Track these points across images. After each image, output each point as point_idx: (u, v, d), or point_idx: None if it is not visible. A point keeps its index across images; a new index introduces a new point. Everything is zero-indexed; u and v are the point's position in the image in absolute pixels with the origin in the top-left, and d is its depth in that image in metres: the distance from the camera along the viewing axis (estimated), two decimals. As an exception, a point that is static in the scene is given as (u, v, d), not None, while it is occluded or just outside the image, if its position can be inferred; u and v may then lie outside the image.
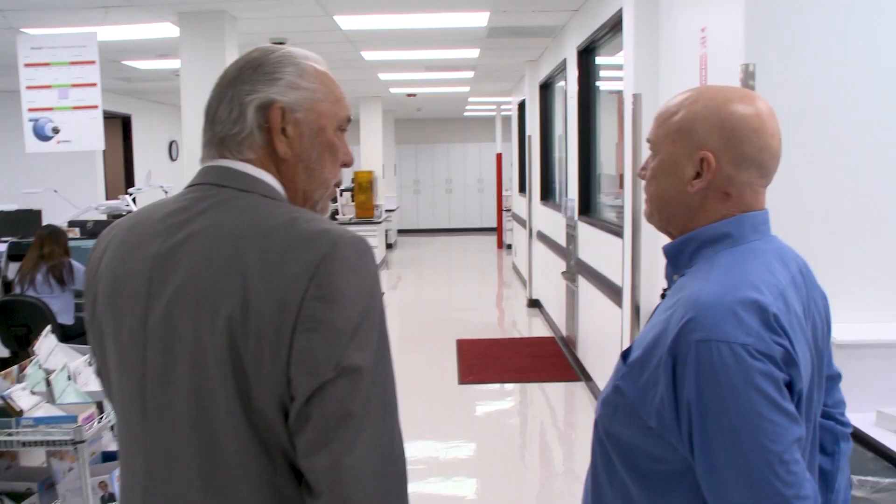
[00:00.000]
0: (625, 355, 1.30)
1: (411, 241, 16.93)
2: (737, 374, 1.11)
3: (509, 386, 6.22)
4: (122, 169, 11.35)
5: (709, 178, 1.26)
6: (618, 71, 6.14)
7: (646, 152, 4.16)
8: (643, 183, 1.40)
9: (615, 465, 1.29)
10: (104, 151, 9.76)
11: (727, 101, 1.27)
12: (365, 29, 6.47)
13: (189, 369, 1.08)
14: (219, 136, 1.19)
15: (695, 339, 1.14)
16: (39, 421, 2.50)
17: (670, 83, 3.70)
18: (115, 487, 2.67)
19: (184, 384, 1.09)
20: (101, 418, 2.62)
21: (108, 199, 9.62)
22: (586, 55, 6.07)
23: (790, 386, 1.15)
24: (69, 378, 2.77)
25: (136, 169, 11.38)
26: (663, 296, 1.39)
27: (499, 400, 6.04)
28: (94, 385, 2.89)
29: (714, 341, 1.12)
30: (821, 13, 2.70)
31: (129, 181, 11.17)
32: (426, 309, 9.88)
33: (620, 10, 4.40)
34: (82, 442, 2.46)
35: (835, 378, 1.43)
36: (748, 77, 2.70)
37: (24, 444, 2.50)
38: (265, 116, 1.17)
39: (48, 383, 2.66)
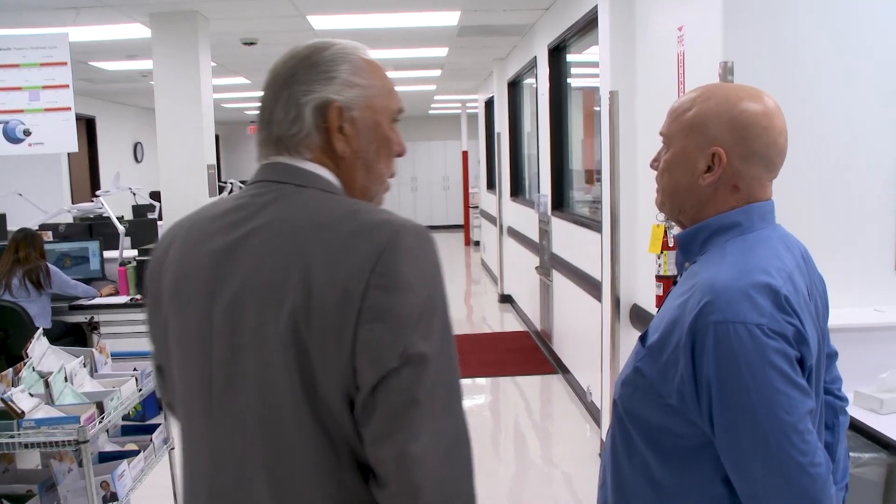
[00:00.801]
0: (642, 338, 1.38)
1: None
2: (753, 351, 1.20)
3: (488, 380, 6.31)
4: (87, 171, 11.18)
5: (719, 172, 1.34)
6: (585, 68, 6.28)
7: (624, 148, 4.25)
8: (652, 174, 1.48)
9: (635, 442, 1.37)
10: (69, 154, 9.64)
11: (738, 100, 1.35)
12: (338, 29, 6.47)
13: (254, 364, 1.09)
14: (275, 136, 1.19)
15: (713, 321, 1.22)
16: (41, 422, 2.51)
17: (647, 81, 3.81)
18: (117, 487, 2.69)
19: (249, 379, 1.10)
20: (102, 419, 2.63)
21: (73, 201, 9.50)
22: (557, 53, 6.17)
23: (801, 362, 1.24)
24: (66, 379, 2.77)
25: (102, 171, 11.24)
26: (674, 282, 1.47)
27: (478, 394, 6.12)
28: (89, 386, 2.90)
29: (731, 322, 1.21)
30: (798, 10, 2.81)
31: (95, 183, 11.02)
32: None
33: (594, 10, 4.50)
34: (86, 442, 2.48)
35: (832, 356, 1.53)
36: (727, 73, 2.81)
37: (26, 445, 2.50)
38: (323, 116, 1.17)
39: (47, 385, 2.66)
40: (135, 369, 3.07)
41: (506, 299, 9.28)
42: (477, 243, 14.29)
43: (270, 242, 1.11)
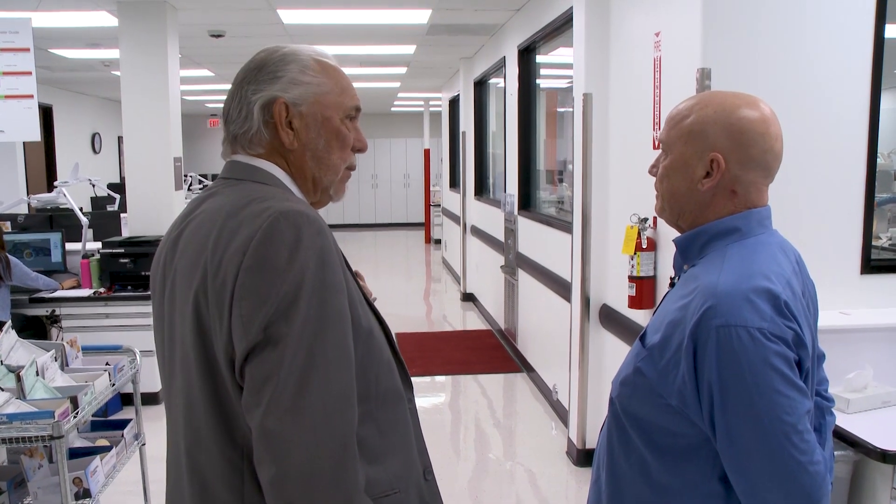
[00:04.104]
0: (641, 338, 1.41)
1: (337, 237, 16.00)
2: (754, 354, 1.23)
3: (449, 378, 6.33)
4: (43, 161, 10.91)
5: (718, 177, 1.38)
6: (549, 69, 6.35)
7: (596, 150, 4.30)
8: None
9: (632, 440, 1.40)
10: (24, 143, 9.40)
11: (736, 107, 1.38)
12: (307, 23, 6.43)
13: (179, 341, 1.22)
14: (232, 134, 1.31)
15: (715, 325, 1.25)
16: (13, 417, 2.46)
17: (622, 84, 3.86)
18: (90, 483, 2.65)
19: (177, 354, 1.24)
20: (76, 413, 2.59)
21: (29, 192, 9.28)
22: (527, 54, 6.21)
23: (799, 365, 1.28)
24: (37, 374, 2.72)
25: (59, 161, 10.98)
26: (672, 284, 1.51)
27: (439, 392, 6.14)
28: (61, 381, 2.85)
29: (733, 326, 1.24)
30: (775, 18, 2.88)
31: (51, 174, 10.77)
32: (360, 303, 9.85)
33: (568, 12, 4.54)
34: (60, 437, 2.43)
35: (820, 358, 1.57)
36: (704, 79, 2.87)
37: (-2, 441, 2.45)
38: (269, 112, 1.27)
39: (18, 379, 2.61)
40: (107, 364, 3.02)
41: (468, 298, 9.32)
42: (438, 241, 14.31)
43: (195, 231, 1.24)
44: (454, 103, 10.95)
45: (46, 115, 10.96)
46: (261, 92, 1.27)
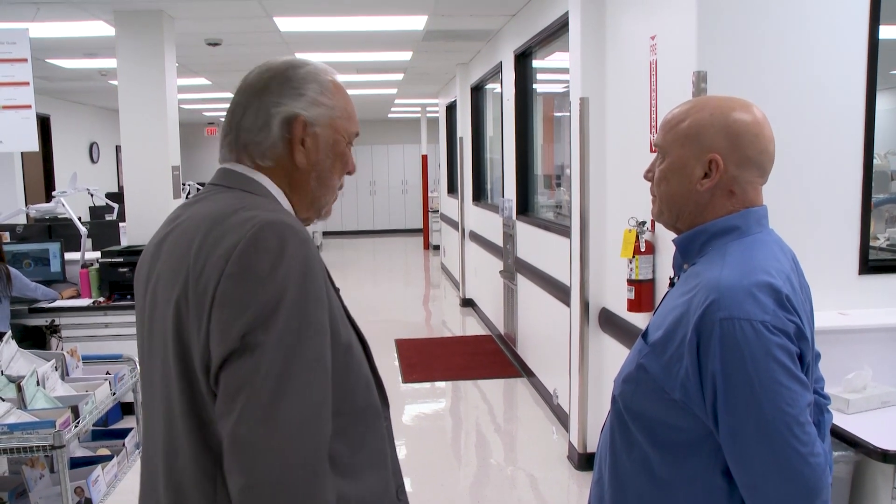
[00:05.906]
0: (644, 336, 1.42)
1: (336, 243, 16.85)
2: (757, 346, 1.25)
3: (450, 383, 6.33)
4: (41, 171, 10.92)
5: (717, 177, 1.40)
6: (546, 74, 6.37)
7: (594, 154, 4.31)
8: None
9: (635, 436, 1.42)
10: (22, 153, 9.41)
11: (731, 110, 1.41)
12: (304, 31, 6.44)
13: (160, 345, 1.23)
14: (243, 142, 1.31)
15: (719, 318, 1.27)
16: (14, 427, 2.46)
17: (618, 88, 3.87)
18: (91, 493, 2.65)
19: (157, 358, 1.24)
20: (77, 423, 2.59)
21: (27, 202, 9.28)
22: (523, 59, 6.23)
23: (801, 358, 1.30)
24: (38, 383, 2.72)
25: (57, 171, 10.98)
26: (672, 284, 1.52)
27: (439, 397, 6.14)
28: (61, 390, 2.86)
29: (737, 319, 1.26)
30: (770, 21, 2.90)
31: (49, 184, 10.77)
32: (358, 310, 9.75)
33: (564, 16, 4.56)
34: (62, 447, 2.43)
35: (816, 357, 1.59)
36: (700, 82, 2.88)
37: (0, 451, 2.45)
38: (289, 128, 1.29)
39: (19, 389, 2.61)
40: (107, 373, 3.02)
41: (468, 303, 9.32)
42: (436, 247, 14.31)
43: (180, 236, 1.24)
44: (451, 109, 10.97)
45: (44, 125, 10.96)
46: (283, 106, 1.28)
